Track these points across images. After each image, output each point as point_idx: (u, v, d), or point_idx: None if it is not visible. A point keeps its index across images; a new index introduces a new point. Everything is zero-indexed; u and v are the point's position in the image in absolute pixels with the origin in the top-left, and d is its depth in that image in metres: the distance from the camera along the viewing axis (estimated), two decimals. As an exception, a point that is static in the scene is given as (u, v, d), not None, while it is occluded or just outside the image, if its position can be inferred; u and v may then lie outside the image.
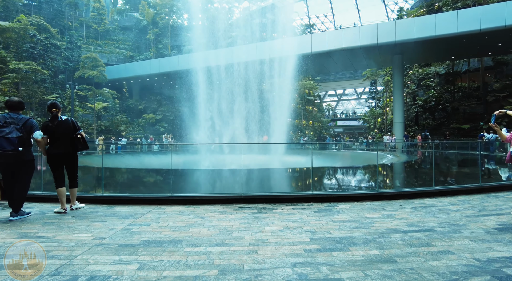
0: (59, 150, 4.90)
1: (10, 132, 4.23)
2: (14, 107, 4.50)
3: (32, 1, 45.38)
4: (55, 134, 4.85)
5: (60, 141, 4.90)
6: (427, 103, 32.05)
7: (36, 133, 4.52)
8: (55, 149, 4.88)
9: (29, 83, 29.53)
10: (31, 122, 4.51)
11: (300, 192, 6.81)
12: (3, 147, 4.17)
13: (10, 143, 4.20)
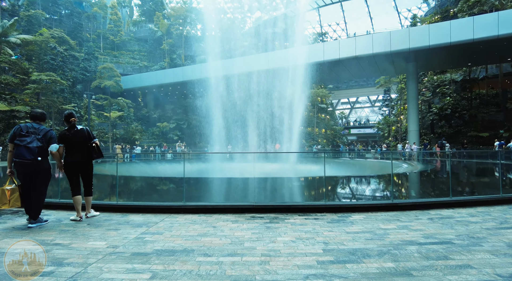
0: (75, 158, 5.01)
1: (31, 142, 4.39)
2: (37, 118, 4.70)
3: (54, 15, 47.35)
4: (72, 143, 4.98)
5: (76, 150, 5.02)
6: (443, 111, 31.35)
7: (52, 146, 4.65)
8: (71, 158, 5.00)
9: (48, 93, 30.57)
10: (51, 134, 4.67)
11: (313, 202, 6.73)
12: (23, 156, 4.32)
13: (30, 152, 4.35)
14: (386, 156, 22.28)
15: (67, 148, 5.00)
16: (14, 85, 30.81)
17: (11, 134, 4.44)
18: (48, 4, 46.88)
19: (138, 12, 59.01)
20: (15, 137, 4.41)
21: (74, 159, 5.01)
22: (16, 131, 4.44)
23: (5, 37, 31.39)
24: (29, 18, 39.80)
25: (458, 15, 31.13)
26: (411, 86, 28.11)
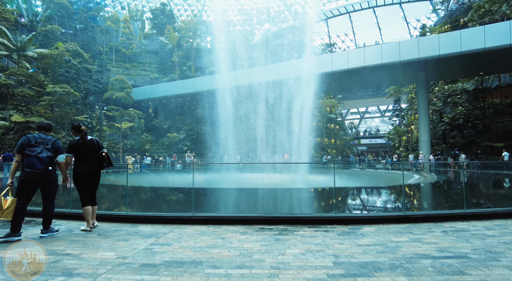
0: (86, 168, 5.05)
1: (41, 152, 4.45)
2: (44, 129, 4.75)
3: (69, 30, 49.03)
4: (83, 153, 5.03)
5: (88, 159, 5.07)
6: (455, 121, 30.83)
7: (60, 156, 4.72)
8: (82, 167, 5.03)
9: (62, 105, 31.38)
10: (58, 144, 4.74)
11: (323, 213, 6.64)
12: (35, 166, 4.38)
13: (42, 162, 4.41)
14: (397, 167, 21.92)
15: (78, 158, 5.04)
16: (30, 97, 31.75)
17: (18, 145, 4.42)
18: (64, 19, 48.62)
19: (150, 25, 60.59)
20: (23, 148, 4.42)
21: (86, 168, 5.05)
22: (24, 142, 4.44)
23: (23, 51, 32.56)
24: (46, 33, 41.28)
25: (468, 24, 30.92)
26: (421, 96, 27.84)
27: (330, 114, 42.91)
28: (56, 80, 35.06)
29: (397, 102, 44.71)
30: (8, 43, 31.51)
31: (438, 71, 27.29)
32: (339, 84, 31.54)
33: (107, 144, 33.66)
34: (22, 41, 32.85)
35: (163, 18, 56.88)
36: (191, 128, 41.58)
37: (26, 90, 31.52)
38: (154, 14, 57.95)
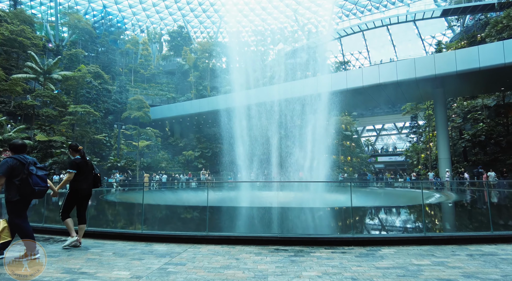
0: (87, 185, 5.33)
1: (37, 171, 4.46)
2: (20, 150, 4.52)
3: (92, 53, 51.52)
4: (85, 171, 5.28)
5: (87, 178, 5.34)
6: (476, 137, 29.83)
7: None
8: (84, 184, 5.27)
9: (82, 124, 32.48)
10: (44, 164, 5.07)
11: (340, 234, 6.45)
12: (40, 184, 4.46)
13: (43, 180, 4.51)
14: (416, 185, 21.21)
15: (77, 176, 5.22)
16: (53, 117, 33.13)
17: (7, 168, 4.19)
18: (87, 43, 51.23)
19: (167, 47, 62.89)
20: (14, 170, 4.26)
21: (86, 186, 5.31)
22: (15, 164, 4.26)
23: (49, 74, 34.31)
24: (70, 56, 43.50)
25: (486, 40, 30.48)
26: (439, 113, 27.25)
27: (345, 132, 42.48)
28: (78, 100, 36.53)
29: (414, 119, 43.87)
30: (36, 67, 33.33)
31: (456, 87, 26.79)
32: (354, 102, 31.39)
33: (125, 162, 34.33)
34: (49, 65, 34.68)
35: (180, 40, 59.01)
36: (206, 146, 42.01)
37: (50, 110, 32.96)
38: (171, 37, 60.24)
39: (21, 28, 35.06)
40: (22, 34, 34.62)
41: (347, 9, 60.91)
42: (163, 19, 64.56)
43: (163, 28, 65.46)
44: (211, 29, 67.80)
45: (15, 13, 40.61)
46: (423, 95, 29.66)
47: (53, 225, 6.87)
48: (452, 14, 41.77)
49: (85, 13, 56.83)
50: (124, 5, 59.59)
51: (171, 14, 63.74)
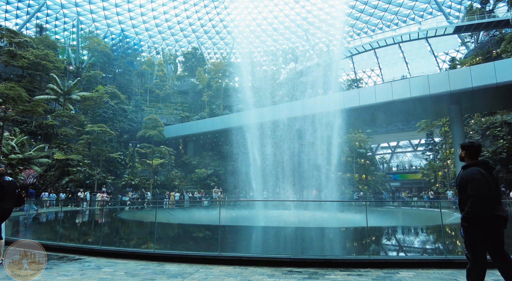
0: (8, 205, 5.50)
1: None
2: None
3: (109, 74, 53.56)
4: (5, 191, 5.44)
5: (10, 198, 5.50)
6: (496, 155, 28.85)
7: None
8: (5, 204, 5.43)
9: (98, 143, 33.26)
10: None
11: (356, 256, 6.23)
12: None
13: None
14: (434, 204, 20.48)
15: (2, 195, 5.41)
16: (71, 136, 34.15)
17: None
18: (105, 65, 53.38)
19: (182, 68, 64.74)
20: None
21: (8, 205, 5.50)
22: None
23: (68, 95, 35.73)
24: (89, 78, 45.30)
25: (502, 55, 30.08)
26: (456, 130, 26.64)
27: (359, 149, 41.90)
28: (95, 120, 37.65)
29: (430, 136, 43.01)
30: (57, 88, 34.83)
31: (472, 103, 26.27)
32: (367, 119, 31.14)
33: (139, 180, 34.70)
34: (69, 86, 36.18)
35: (194, 61, 60.74)
36: (218, 164, 42.14)
37: (68, 130, 34.04)
38: (186, 58, 62.13)
39: (45, 52, 36.96)
40: (45, 58, 36.44)
41: (358, 28, 61.67)
42: (178, 41, 66.89)
43: (178, 49, 67.71)
44: (224, 50, 69.68)
45: (40, 38, 43.02)
46: (438, 111, 29.18)
47: (67, 243, 6.93)
48: (465, 31, 41.60)
49: (104, 36, 59.59)
50: (141, 28, 62.23)
51: (185, 36, 66.05)
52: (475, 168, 3.22)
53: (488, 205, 3.09)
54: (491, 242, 3.12)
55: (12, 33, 37.63)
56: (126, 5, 56.99)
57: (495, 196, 3.13)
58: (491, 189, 3.10)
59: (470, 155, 3.36)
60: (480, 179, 3.10)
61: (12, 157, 24.88)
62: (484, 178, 3.12)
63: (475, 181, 3.11)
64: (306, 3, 60.53)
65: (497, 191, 3.18)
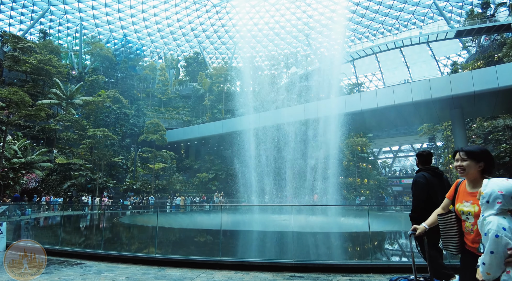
0: None
1: None
2: None
3: (111, 79, 53.88)
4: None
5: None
6: (499, 159, 28.70)
7: None
8: None
9: (100, 147, 33.35)
10: None
11: (358, 261, 6.19)
12: None
13: None
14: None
15: None
16: (73, 140, 34.27)
17: None
18: (108, 70, 53.75)
19: (184, 72, 65.03)
20: None
21: None
22: None
23: (71, 99, 35.93)
24: (92, 82, 45.59)
25: (503, 60, 30.06)
26: (458, 134, 26.57)
27: (361, 153, 41.84)
28: (97, 124, 37.80)
29: (432, 140, 42.87)
30: (60, 93, 35.04)
31: (474, 107, 26.23)
32: (368, 123, 31.12)
33: (140, 184, 34.69)
34: (71, 91, 36.40)
35: (196, 65, 61.02)
36: (220, 168, 42.11)
37: (71, 134, 34.18)
38: (188, 63, 62.43)
39: (48, 57, 37.25)
40: (49, 63, 36.72)
41: (359, 32, 61.89)
42: (180, 46, 67.30)
43: (180, 54, 68.09)
44: (226, 54, 70.01)
45: (44, 44, 43.39)
46: (440, 116, 29.14)
47: (68, 248, 6.92)
48: (467, 35, 41.65)
49: (107, 41, 60.03)
50: (143, 33, 62.66)
51: (187, 41, 66.46)
52: (422, 173, 3.58)
53: (420, 207, 3.44)
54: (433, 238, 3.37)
55: (16, 38, 37.99)
56: (129, 11, 57.49)
57: (439, 199, 3.28)
58: (432, 192, 3.41)
59: (421, 162, 3.74)
60: (420, 182, 3.47)
61: (14, 161, 24.96)
62: (427, 181, 3.46)
63: (417, 184, 3.50)
64: (308, 8, 60.87)
65: (442, 194, 3.30)
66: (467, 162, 2.23)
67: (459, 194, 2.36)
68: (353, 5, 56.64)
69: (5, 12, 50.46)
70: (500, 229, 1.79)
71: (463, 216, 2.27)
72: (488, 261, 1.81)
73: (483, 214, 1.91)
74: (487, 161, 2.20)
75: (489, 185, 1.94)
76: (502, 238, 1.77)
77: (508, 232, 1.79)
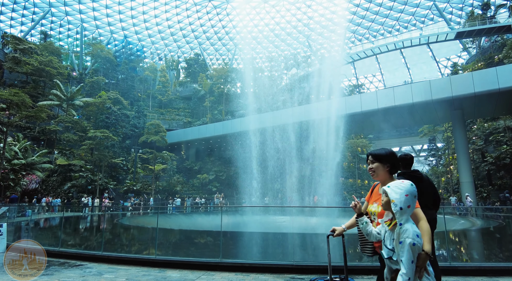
0: None
1: None
2: None
3: (112, 80, 53.95)
4: None
5: None
6: (500, 160, 28.66)
7: None
8: None
9: (101, 148, 33.33)
10: None
11: (358, 262, 6.17)
12: None
13: None
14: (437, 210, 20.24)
15: None
16: (74, 142, 34.28)
17: None
18: (108, 71, 53.83)
19: (184, 74, 65.08)
20: None
21: None
22: None
23: (71, 100, 35.97)
24: (92, 84, 45.66)
25: (504, 61, 30.07)
26: (458, 135, 26.54)
27: (361, 154, 41.83)
28: (97, 125, 37.81)
29: (432, 142, 42.83)
30: (60, 94, 35.08)
31: (475, 109, 26.22)
32: (369, 124, 31.11)
33: (140, 185, 34.68)
34: (72, 92, 36.45)
35: (197, 67, 61.07)
36: (220, 169, 42.09)
37: (71, 135, 34.19)
38: (188, 64, 62.49)
39: (49, 59, 37.32)
40: (49, 64, 36.78)
41: (360, 34, 61.95)
42: (181, 48, 67.39)
43: (181, 55, 68.17)
44: (227, 56, 70.09)
45: (44, 45, 43.48)
46: (441, 117, 29.13)
47: (68, 249, 6.91)
48: (467, 37, 41.68)
49: (107, 43, 60.14)
50: (144, 35, 62.77)
51: (188, 43, 66.55)
52: (399, 177, 3.65)
53: None
54: None
55: (17, 40, 38.07)
56: (129, 12, 57.60)
57: None
58: None
59: (403, 166, 3.84)
60: None
61: (15, 163, 24.97)
62: None
63: None
64: (308, 10, 60.96)
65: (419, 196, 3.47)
66: (375, 165, 2.36)
67: (372, 196, 2.46)
68: (353, 6, 56.72)
69: (6, 13, 50.61)
70: (415, 237, 1.83)
71: (372, 216, 2.35)
72: (410, 271, 1.81)
73: (400, 223, 1.92)
74: (392, 162, 2.33)
75: (394, 191, 1.96)
76: (417, 246, 1.81)
77: (420, 238, 1.84)
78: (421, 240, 1.84)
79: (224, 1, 59.58)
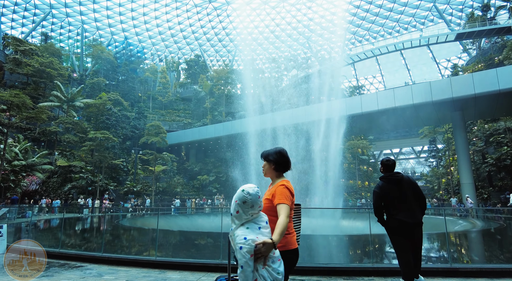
0: None
1: None
2: None
3: (112, 81, 54.01)
4: None
5: None
6: (500, 162, 28.63)
7: None
8: None
9: (101, 149, 33.33)
10: None
11: (359, 264, 6.16)
12: None
13: None
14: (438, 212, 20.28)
15: None
16: (74, 143, 34.30)
17: None
18: (109, 72, 53.91)
19: (185, 75, 65.18)
20: None
21: None
22: None
23: (72, 101, 36.01)
24: (93, 85, 45.71)
25: (504, 62, 30.08)
26: (459, 136, 26.54)
27: (362, 156, 41.81)
28: (98, 126, 37.83)
29: (433, 143, 42.80)
30: (61, 95, 35.12)
31: (475, 110, 26.22)
32: (369, 126, 31.11)
33: (141, 187, 34.66)
34: (72, 93, 36.48)
35: (197, 68, 61.15)
36: (220, 171, 42.08)
37: (72, 136, 34.21)
38: (189, 65, 62.59)
39: (49, 60, 37.38)
40: (50, 65, 36.84)
41: (360, 35, 62.03)
42: (181, 49, 67.50)
43: (181, 57, 68.26)
44: (227, 57, 70.18)
45: (45, 46, 43.57)
46: (441, 118, 29.12)
47: (69, 251, 6.90)
48: (467, 38, 41.73)
49: (108, 44, 60.25)
50: (144, 36, 62.91)
51: (188, 44, 66.65)
52: (380, 181, 4.00)
53: (379, 212, 3.93)
54: (402, 242, 3.89)
55: (18, 41, 38.15)
56: (130, 14, 57.75)
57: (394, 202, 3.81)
58: (387, 197, 3.84)
59: (384, 170, 4.06)
60: (375, 192, 3.95)
61: (15, 164, 24.98)
62: (380, 190, 3.89)
63: (374, 193, 3.98)
64: (308, 11, 61.07)
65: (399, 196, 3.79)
66: (264, 163, 2.48)
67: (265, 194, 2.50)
68: (354, 8, 56.83)
69: (7, 15, 50.74)
70: (242, 239, 1.84)
71: None
72: (243, 277, 1.82)
73: (231, 228, 1.96)
74: (277, 161, 2.41)
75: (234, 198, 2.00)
76: (245, 248, 1.81)
77: (250, 240, 1.83)
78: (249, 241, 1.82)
79: (225, 2, 59.70)
